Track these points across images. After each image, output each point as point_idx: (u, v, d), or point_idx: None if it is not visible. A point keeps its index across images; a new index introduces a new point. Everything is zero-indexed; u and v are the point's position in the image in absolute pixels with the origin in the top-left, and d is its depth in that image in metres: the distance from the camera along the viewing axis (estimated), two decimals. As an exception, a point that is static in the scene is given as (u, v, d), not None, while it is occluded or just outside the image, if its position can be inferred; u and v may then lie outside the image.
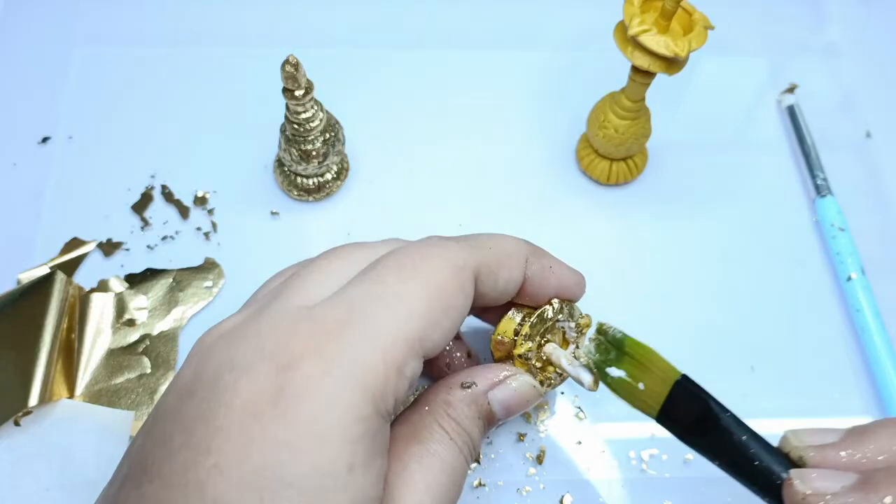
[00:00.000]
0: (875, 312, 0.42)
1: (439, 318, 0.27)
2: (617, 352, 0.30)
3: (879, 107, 0.50)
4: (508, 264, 0.30)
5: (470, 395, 0.30)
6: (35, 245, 0.42)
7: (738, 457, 0.27)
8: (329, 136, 0.42)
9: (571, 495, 0.37)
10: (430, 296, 0.27)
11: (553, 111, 0.48)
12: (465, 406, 0.30)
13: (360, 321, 0.25)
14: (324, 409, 0.23)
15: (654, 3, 0.38)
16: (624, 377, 0.30)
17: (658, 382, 0.29)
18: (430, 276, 0.27)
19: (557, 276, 0.32)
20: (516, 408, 0.31)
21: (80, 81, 0.48)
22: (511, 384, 0.31)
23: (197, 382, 0.25)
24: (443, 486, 0.27)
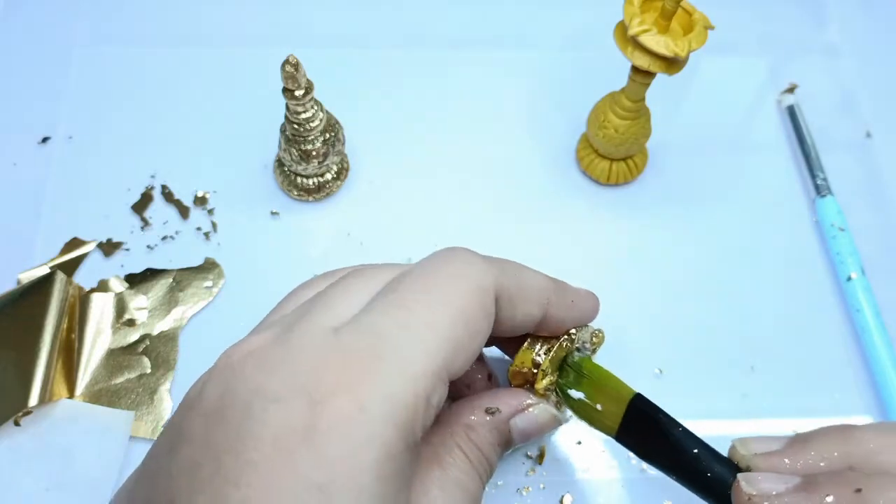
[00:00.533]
0: (875, 312, 0.42)
1: (465, 342, 0.26)
2: (576, 374, 0.32)
3: (879, 107, 0.50)
4: (529, 299, 0.30)
5: (493, 422, 0.30)
6: (35, 245, 0.42)
7: (691, 470, 0.28)
8: (329, 136, 0.42)
9: (571, 495, 0.37)
10: (455, 322, 0.26)
11: (553, 111, 0.48)
12: (487, 432, 0.30)
13: (389, 353, 0.25)
14: (357, 447, 0.23)
15: (654, 3, 0.38)
16: (583, 399, 0.31)
17: (614, 402, 0.30)
18: (456, 301, 0.27)
19: (579, 310, 0.32)
20: (533, 435, 0.32)
21: (80, 81, 0.48)
22: (533, 412, 0.31)
23: (227, 408, 0.24)
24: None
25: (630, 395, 0.30)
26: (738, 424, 0.40)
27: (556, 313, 0.31)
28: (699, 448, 0.28)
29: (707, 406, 0.40)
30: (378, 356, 0.25)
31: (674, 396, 0.32)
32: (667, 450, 0.29)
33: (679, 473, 0.29)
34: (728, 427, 0.40)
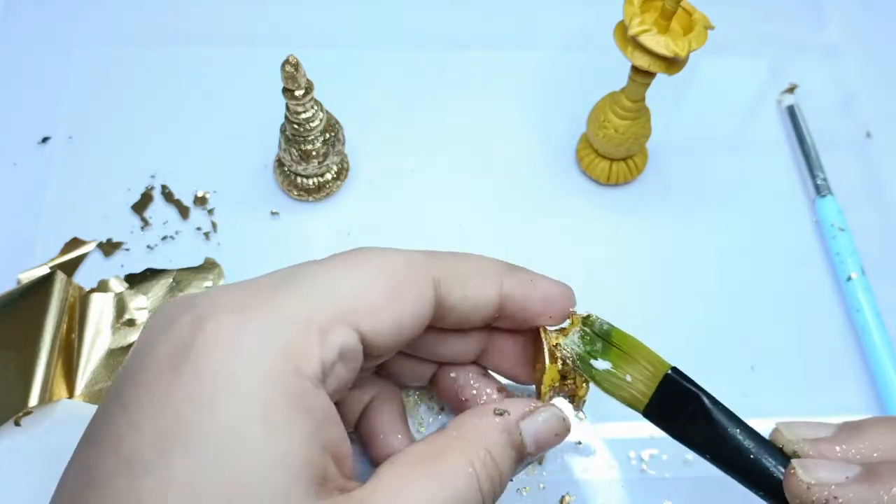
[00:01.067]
0: (875, 312, 0.42)
1: (380, 297, 0.26)
2: (603, 343, 0.30)
3: (879, 107, 0.50)
4: (477, 276, 0.29)
5: (503, 423, 0.28)
6: (35, 245, 0.42)
7: (731, 451, 0.27)
8: (329, 136, 0.42)
9: (571, 495, 0.37)
10: (372, 275, 0.26)
11: (553, 111, 0.48)
12: (497, 434, 0.28)
13: (291, 284, 0.25)
14: (234, 361, 0.23)
15: (654, 3, 0.38)
16: (610, 369, 0.29)
17: (646, 375, 0.28)
18: (377, 261, 0.27)
19: (541, 289, 0.31)
20: (545, 441, 0.30)
21: (80, 81, 0.48)
22: (540, 416, 0.30)
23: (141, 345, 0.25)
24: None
25: (666, 369, 0.28)
26: (738, 424, 0.40)
27: (516, 290, 0.30)
28: (741, 429, 0.27)
29: (707, 406, 0.40)
30: (279, 286, 0.25)
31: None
32: (705, 429, 0.27)
33: (716, 455, 0.27)
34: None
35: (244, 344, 0.23)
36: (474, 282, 0.29)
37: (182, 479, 0.21)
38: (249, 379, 0.22)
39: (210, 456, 0.22)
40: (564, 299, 0.32)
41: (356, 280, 0.26)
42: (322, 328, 0.24)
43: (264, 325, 0.24)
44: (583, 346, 0.30)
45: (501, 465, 0.27)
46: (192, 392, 0.22)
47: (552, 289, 0.31)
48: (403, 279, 0.27)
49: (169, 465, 0.21)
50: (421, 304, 0.27)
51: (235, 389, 0.22)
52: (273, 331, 0.24)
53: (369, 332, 0.26)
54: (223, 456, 0.22)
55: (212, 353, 0.23)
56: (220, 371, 0.22)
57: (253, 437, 0.22)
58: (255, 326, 0.23)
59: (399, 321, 0.27)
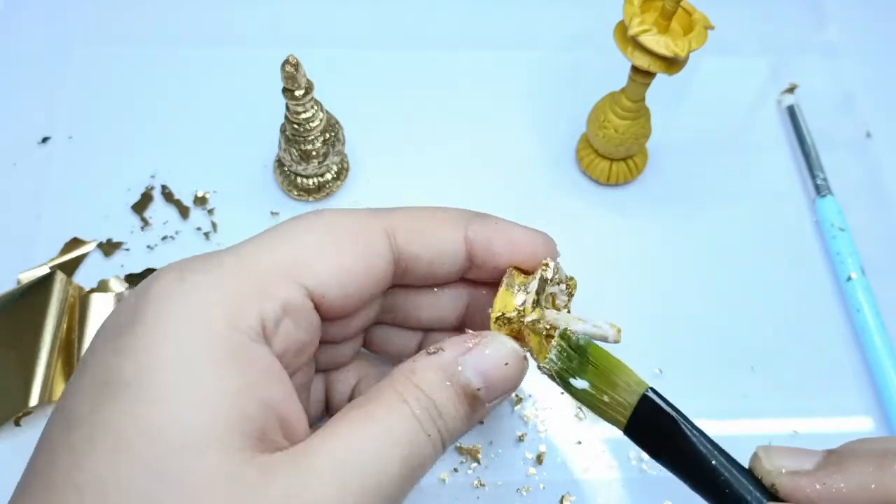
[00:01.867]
0: (875, 312, 0.42)
1: (324, 251, 0.26)
2: (580, 360, 0.28)
3: (879, 106, 0.50)
4: (438, 222, 0.28)
5: (436, 361, 0.26)
6: (35, 245, 0.42)
7: (707, 481, 0.26)
8: (329, 136, 0.42)
9: (571, 495, 0.37)
10: (316, 231, 0.26)
11: (553, 111, 0.48)
12: (430, 372, 0.25)
13: (237, 247, 0.25)
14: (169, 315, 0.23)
15: (654, 3, 0.38)
16: (587, 389, 0.28)
17: (623, 394, 0.27)
18: (323, 219, 0.27)
19: (507, 235, 0.29)
20: (496, 376, 0.26)
21: (79, 81, 0.48)
22: (485, 350, 0.26)
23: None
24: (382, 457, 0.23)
25: (642, 390, 0.27)
26: (738, 424, 0.40)
27: (480, 234, 0.29)
28: (717, 459, 0.26)
29: (707, 406, 0.40)
30: (225, 251, 0.25)
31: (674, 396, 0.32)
32: (680, 454, 0.26)
33: (693, 482, 0.26)
34: (728, 427, 0.40)
35: (181, 299, 0.23)
36: (435, 228, 0.28)
37: (111, 426, 0.22)
38: (182, 330, 0.23)
39: (138, 403, 0.22)
40: (532, 242, 0.30)
41: (300, 238, 0.26)
42: (262, 283, 0.24)
43: (203, 280, 0.24)
44: (560, 363, 0.28)
45: (440, 402, 0.25)
46: (127, 345, 0.22)
47: (521, 235, 0.30)
48: (349, 232, 0.26)
49: (100, 414, 0.22)
50: (372, 255, 0.27)
51: (166, 341, 0.22)
52: (211, 285, 0.24)
53: (316, 286, 0.25)
54: (151, 403, 0.22)
55: (149, 310, 0.23)
56: (155, 324, 0.23)
57: (180, 386, 0.22)
58: (195, 282, 0.24)
59: (348, 273, 0.26)
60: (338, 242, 0.26)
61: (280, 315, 0.25)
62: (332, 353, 0.31)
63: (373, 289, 0.27)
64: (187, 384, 0.22)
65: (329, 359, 0.31)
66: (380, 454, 0.24)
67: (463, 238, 0.28)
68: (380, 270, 0.27)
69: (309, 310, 0.26)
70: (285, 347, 0.25)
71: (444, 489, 0.37)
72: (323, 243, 0.26)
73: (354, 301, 0.27)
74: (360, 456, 0.23)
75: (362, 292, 0.27)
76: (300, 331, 0.25)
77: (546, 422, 0.39)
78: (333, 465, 0.23)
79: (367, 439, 0.24)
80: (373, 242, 0.27)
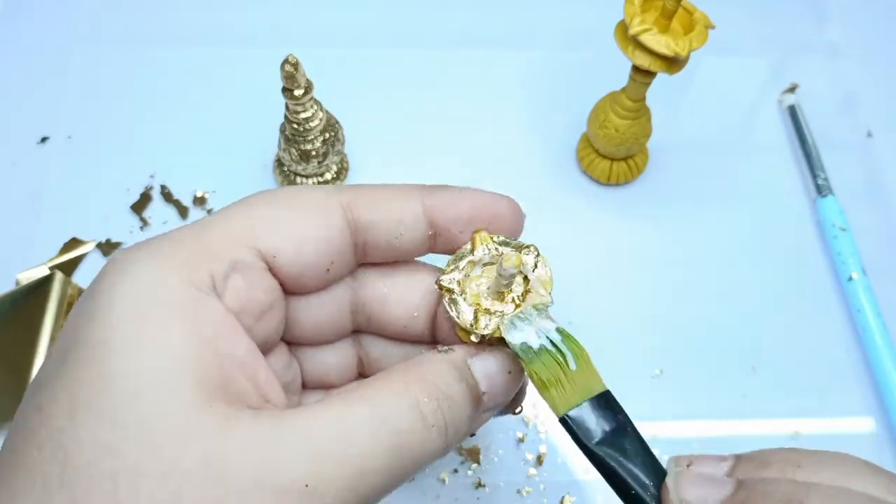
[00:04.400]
0: (876, 312, 0.41)
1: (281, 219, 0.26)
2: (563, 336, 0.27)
3: (880, 106, 0.50)
4: (396, 192, 0.28)
5: (448, 358, 0.26)
6: (34, 245, 0.42)
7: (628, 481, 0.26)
8: (329, 136, 0.42)
9: (571, 496, 0.37)
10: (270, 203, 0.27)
11: (553, 111, 0.48)
12: (443, 365, 0.25)
13: (196, 222, 0.26)
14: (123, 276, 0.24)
15: (654, 3, 0.38)
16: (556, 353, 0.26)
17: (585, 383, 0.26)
18: (277, 193, 0.27)
19: (467, 197, 0.29)
20: (499, 382, 0.27)
21: (79, 81, 0.48)
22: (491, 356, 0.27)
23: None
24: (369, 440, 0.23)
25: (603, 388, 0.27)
26: (738, 424, 0.40)
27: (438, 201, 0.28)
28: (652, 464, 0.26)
29: (707, 406, 0.40)
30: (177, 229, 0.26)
31: (674, 396, 0.32)
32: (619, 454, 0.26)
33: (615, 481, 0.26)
34: (728, 427, 0.40)
35: (138, 263, 0.24)
36: (391, 197, 0.28)
37: (72, 381, 0.22)
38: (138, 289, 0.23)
39: (96, 358, 0.22)
40: (494, 203, 0.29)
41: (254, 209, 0.27)
42: (213, 247, 0.25)
43: (159, 246, 0.25)
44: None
45: (452, 396, 0.25)
46: (88, 308, 0.23)
47: (478, 193, 0.29)
48: (303, 202, 0.27)
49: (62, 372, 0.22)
50: (326, 224, 0.27)
51: (124, 299, 0.23)
52: (166, 251, 0.24)
53: (267, 248, 0.26)
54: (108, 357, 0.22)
55: (108, 277, 0.24)
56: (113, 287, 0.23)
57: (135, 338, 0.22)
58: (151, 248, 0.25)
59: (301, 238, 0.26)
60: (291, 211, 0.27)
61: (227, 271, 0.25)
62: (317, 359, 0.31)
63: (330, 256, 0.27)
64: (142, 336, 0.22)
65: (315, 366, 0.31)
66: (366, 437, 0.23)
67: (421, 204, 0.28)
68: (335, 237, 0.27)
69: (261, 269, 0.26)
70: (240, 304, 0.25)
71: (444, 489, 0.37)
72: (276, 212, 0.27)
73: (312, 268, 0.27)
74: (343, 433, 0.22)
75: (319, 258, 0.27)
76: (253, 289, 0.26)
77: (546, 423, 0.39)
78: (309, 434, 0.22)
79: (356, 418, 0.23)
80: (328, 211, 0.27)
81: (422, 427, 0.24)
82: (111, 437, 0.21)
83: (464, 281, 0.28)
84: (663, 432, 0.39)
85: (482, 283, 0.28)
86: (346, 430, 0.22)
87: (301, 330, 0.30)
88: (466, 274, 0.28)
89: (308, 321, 0.29)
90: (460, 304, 0.27)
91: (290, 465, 0.21)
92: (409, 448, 0.23)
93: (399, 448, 0.23)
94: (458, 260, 0.28)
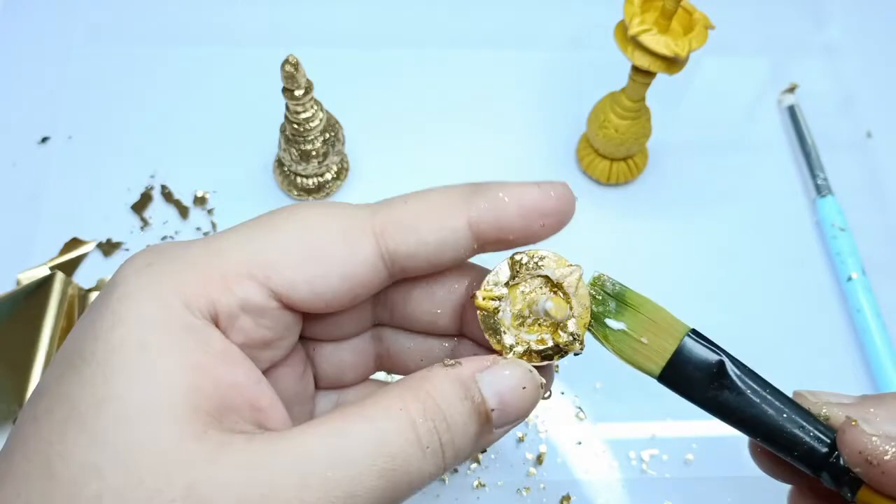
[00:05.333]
0: (876, 312, 0.41)
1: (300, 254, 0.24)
2: (617, 303, 0.28)
3: (880, 107, 0.50)
4: (433, 211, 0.26)
5: (453, 373, 0.24)
6: (35, 245, 0.42)
7: (758, 415, 0.25)
8: (329, 136, 0.42)
9: (572, 495, 0.37)
10: (291, 231, 0.25)
11: (553, 111, 0.48)
12: (446, 383, 0.24)
13: (210, 237, 0.25)
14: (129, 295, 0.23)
15: (654, 3, 0.38)
16: (625, 329, 0.27)
17: (664, 337, 0.27)
18: (301, 216, 0.25)
19: (517, 203, 0.26)
20: (512, 399, 0.25)
21: (79, 81, 0.48)
22: (504, 370, 0.25)
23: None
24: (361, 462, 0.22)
25: (685, 330, 0.27)
26: (738, 424, 0.40)
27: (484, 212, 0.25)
28: (770, 391, 0.26)
29: (707, 406, 0.40)
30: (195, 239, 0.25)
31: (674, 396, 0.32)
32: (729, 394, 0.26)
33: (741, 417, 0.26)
34: (729, 427, 0.40)
35: (145, 282, 0.24)
36: (430, 219, 0.25)
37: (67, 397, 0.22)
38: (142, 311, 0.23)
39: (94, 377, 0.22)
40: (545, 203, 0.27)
41: (273, 235, 0.25)
42: (224, 275, 0.24)
43: (169, 267, 0.24)
44: (595, 307, 0.27)
45: (453, 418, 0.23)
46: (92, 324, 0.23)
47: (528, 194, 0.26)
48: (328, 233, 0.25)
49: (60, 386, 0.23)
50: (353, 261, 0.25)
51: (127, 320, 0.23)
52: (175, 271, 0.24)
53: (281, 287, 0.24)
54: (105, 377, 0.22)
55: (115, 292, 0.24)
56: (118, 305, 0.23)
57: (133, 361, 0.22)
58: (161, 268, 0.24)
59: (321, 279, 0.24)
60: (313, 244, 0.25)
61: (236, 312, 0.24)
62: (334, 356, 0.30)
63: (355, 290, 0.25)
64: (141, 362, 0.22)
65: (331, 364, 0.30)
66: (358, 460, 0.22)
67: (466, 223, 0.25)
68: (362, 276, 0.25)
69: (273, 309, 0.25)
70: (244, 340, 0.25)
71: (445, 489, 0.37)
72: (296, 244, 0.24)
73: (333, 303, 0.25)
74: (333, 455, 0.22)
75: (342, 294, 0.25)
76: (262, 328, 0.25)
77: (546, 422, 0.39)
78: (299, 457, 0.22)
79: (348, 439, 0.22)
80: (355, 246, 0.25)
81: (416, 450, 0.23)
82: (99, 460, 0.21)
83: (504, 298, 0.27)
84: (663, 432, 0.39)
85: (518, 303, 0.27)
86: (338, 452, 0.22)
87: (319, 326, 0.28)
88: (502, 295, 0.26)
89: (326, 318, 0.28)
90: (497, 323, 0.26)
91: (278, 489, 0.21)
92: (403, 471, 0.22)
93: (392, 472, 0.22)
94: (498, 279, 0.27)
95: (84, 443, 0.21)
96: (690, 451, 0.39)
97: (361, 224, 0.25)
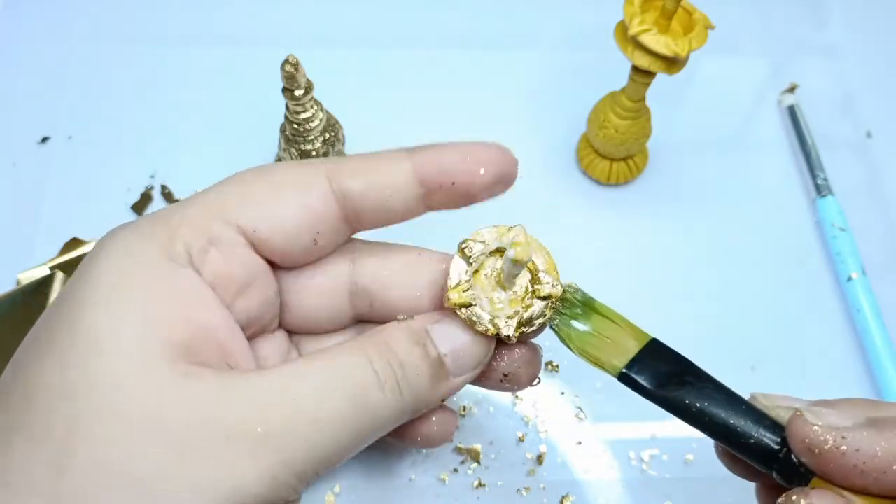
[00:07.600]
0: (875, 312, 0.41)
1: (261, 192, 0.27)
2: (584, 308, 0.29)
3: (880, 106, 0.50)
4: (381, 157, 0.29)
5: (405, 325, 0.27)
6: (35, 245, 0.42)
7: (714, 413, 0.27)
8: (329, 136, 0.42)
9: (572, 496, 0.37)
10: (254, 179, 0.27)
11: (553, 111, 0.48)
12: (398, 332, 0.27)
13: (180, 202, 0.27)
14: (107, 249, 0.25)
15: (654, 3, 0.38)
16: (591, 331, 0.28)
17: (627, 340, 0.28)
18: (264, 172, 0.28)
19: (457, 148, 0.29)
20: (463, 349, 0.27)
21: (79, 81, 0.48)
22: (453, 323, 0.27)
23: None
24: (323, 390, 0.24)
25: (647, 338, 0.29)
26: (738, 424, 0.40)
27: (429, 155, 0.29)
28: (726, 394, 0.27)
29: (707, 406, 0.40)
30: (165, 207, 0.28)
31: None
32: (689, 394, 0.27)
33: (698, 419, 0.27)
34: (728, 427, 0.40)
35: (120, 240, 0.26)
36: (377, 162, 0.29)
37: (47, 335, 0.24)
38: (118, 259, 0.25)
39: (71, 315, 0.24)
40: (484, 150, 0.30)
41: (235, 186, 0.27)
42: (196, 217, 0.26)
43: (141, 225, 0.26)
44: (565, 311, 0.29)
45: (405, 359, 0.26)
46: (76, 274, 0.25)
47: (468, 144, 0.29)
48: (285, 177, 0.27)
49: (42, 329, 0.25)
50: (309, 194, 0.27)
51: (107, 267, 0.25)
52: (147, 227, 0.26)
53: (246, 222, 0.26)
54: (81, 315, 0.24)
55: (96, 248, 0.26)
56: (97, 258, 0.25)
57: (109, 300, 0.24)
58: (134, 227, 0.26)
59: (281, 209, 0.27)
60: (271, 185, 0.27)
61: (205, 245, 0.26)
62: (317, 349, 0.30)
63: (314, 227, 0.27)
64: (114, 294, 0.24)
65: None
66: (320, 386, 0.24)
67: (410, 163, 0.28)
68: (319, 207, 0.27)
69: (240, 245, 0.27)
70: (217, 278, 0.26)
71: (444, 489, 0.37)
72: (256, 187, 0.27)
73: (296, 240, 0.27)
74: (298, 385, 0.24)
75: (302, 230, 0.27)
76: (231, 263, 0.26)
77: (546, 422, 0.39)
78: (266, 386, 0.24)
79: (311, 372, 0.24)
80: (309, 182, 0.27)
81: (374, 382, 0.25)
82: (70, 383, 0.23)
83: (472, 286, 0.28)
84: (663, 432, 0.39)
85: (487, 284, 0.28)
86: (299, 381, 0.24)
87: (298, 314, 0.30)
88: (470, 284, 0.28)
89: (304, 304, 0.30)
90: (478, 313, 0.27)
91: (240, 412, 0.23)
92: (363, 400, 0.25)
93: (353, 399, 0.24)
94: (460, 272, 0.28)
95: (59, 371, 0.23)
96: (690, 451, 0.39)
97: (315, 170, 0.28)
